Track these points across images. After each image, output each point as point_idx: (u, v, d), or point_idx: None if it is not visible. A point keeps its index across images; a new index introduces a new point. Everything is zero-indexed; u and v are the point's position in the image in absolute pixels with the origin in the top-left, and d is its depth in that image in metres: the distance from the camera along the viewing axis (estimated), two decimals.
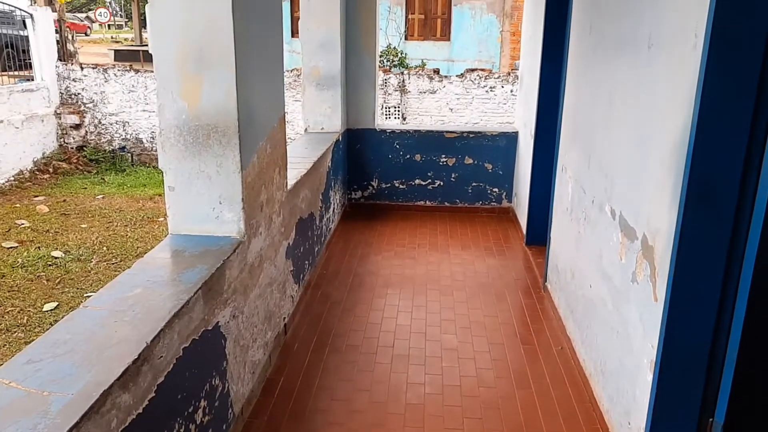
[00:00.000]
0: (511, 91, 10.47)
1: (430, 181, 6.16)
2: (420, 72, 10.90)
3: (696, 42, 1.88)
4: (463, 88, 10.64)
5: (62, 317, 2.02)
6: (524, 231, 5.29)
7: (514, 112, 6.83)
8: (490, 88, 10.59)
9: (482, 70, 11.05)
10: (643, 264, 2.31)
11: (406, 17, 16.48)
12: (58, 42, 11.43)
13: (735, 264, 1.91)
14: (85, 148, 11.23)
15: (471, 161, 6.09)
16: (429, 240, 5.36)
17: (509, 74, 10.83)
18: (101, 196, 9.15)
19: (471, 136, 6.07)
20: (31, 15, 10.88)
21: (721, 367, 1.99)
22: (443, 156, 6.10)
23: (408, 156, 6.11)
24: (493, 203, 6.19)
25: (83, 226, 7.57)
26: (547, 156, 4.60)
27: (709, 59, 1.79)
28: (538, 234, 4.92)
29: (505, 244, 5.28)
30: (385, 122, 10.27)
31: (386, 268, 4.70)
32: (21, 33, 11.17)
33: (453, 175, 6.13)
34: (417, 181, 6.17)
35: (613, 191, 2.77)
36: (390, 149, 6.10)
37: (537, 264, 4.70)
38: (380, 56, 12.05)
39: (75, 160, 10.96)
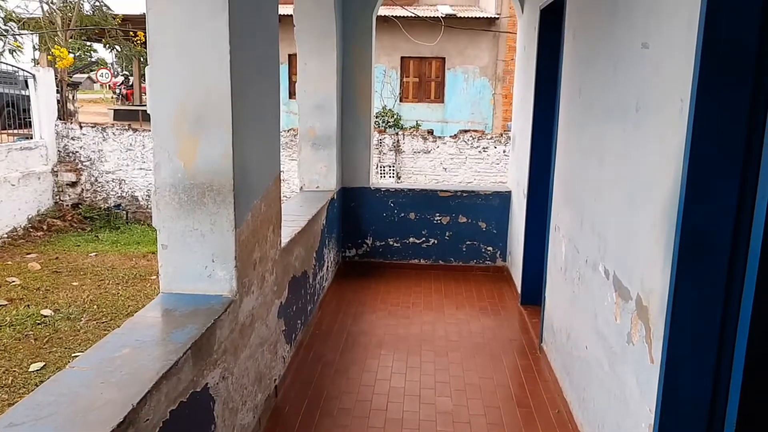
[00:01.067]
0: (504, 151, 10.65)
1: (424, 239, 6.17)
2: (414, 132, 11.11)
3: (682, 106, 1.93)
4: (457, 149, 10.83)
5: (48, 378, 1.97)
6: (519, 290, 5.27)
7: (507, 172, 6.93)
8: (483, 148, 10.77)
9: (475, 131, 11.28)
10: (638, 325, 2.29)
11: (401, 80, 16.93)
12: (58, 101, 11.64)
13: (730, 325, 1.89)
14: (80, 206, 11.26)
15: (465, 220, 6.12)
16: (423, 299, 5.32)
17: (501, 135, 11.04)
18: (94, 253, 9.10)
19: (465, 195, 6.13)
20: (34, 75, 11.12)
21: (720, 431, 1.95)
22: (437, 214, 6.13)
23: (402, 214, 6.15)
24: (487, 262, 6.19)
25: (74, 283, 7.50)
26: (540, 215, 4.63)
27: (695, 124, 1.83)
28: (533, 293, 4.90)
29: (500, 304, 5.24)
30: (380, 181, 10.38)
31: (380, 327, 4.64)
32: (23, 93, 11.39)
33: (447, 234, 6.15)
34: (411, 240, 6.18)
35: (606, 251, 2.78)
36: (385, 207, 6.14)
37: (532, 324, 4.66)
38: (375, 117, 12.30)
39: (70, 218, 10.96)
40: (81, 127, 11.22)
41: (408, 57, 16.76)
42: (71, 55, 14.18)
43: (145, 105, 17.38)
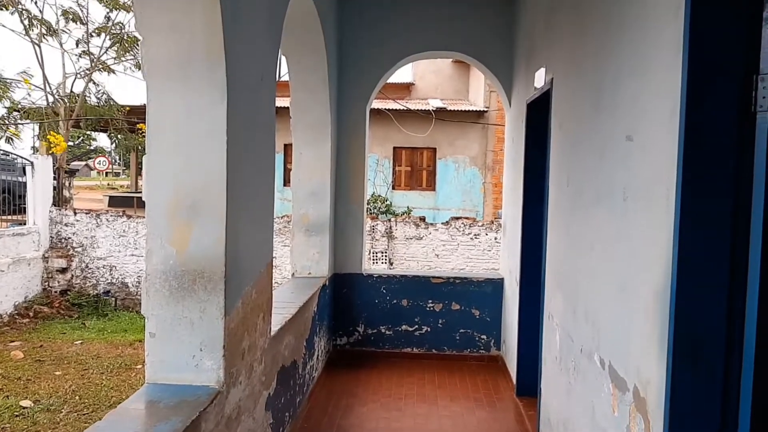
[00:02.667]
0: (495, 238, 10.73)
1: (417, 326, 6.08)
2: (406, 219, 11.23)
3: (668, 194, 1.98)
4: (449, 235, 10.91)
5: None
6: (514, 381, 5.14)
7: (499, 259, 6.95)
8: (475, 235, 10.86)
9: (467, 218, 11.42)
10: (637, 417, 2.23)
11: (394, 169, 17.31)
12: (54, 188, 11.77)
13: (730, 417, 1.84)
14: (68, 292, 11.11)
15: (458, 307, 6.07)
16: (416, 390, 5.17)
17: (492, 222, 11.17)
18: (80, 341, 8.88)
19: (458, 281, 6.11)
20: (32, 163, 11.30)
21: None
22: (430, 301, 6.08)
23: (395, 301, 6.09)
24: (481, 351, 6.07)
25: (57, 373, 7.26)
26: (534, 303, 4.60)
27: (682, 212, 1.87)
28: (529, 384, 4.77)
29: (495, 395, 5.09)
30: (372, 267, 10.36)
31: (371, 420, 4.47)
32: (20, 179, 11.53)
33: (440, 321, 6.07)
34: (404, 327, 6.09)
35: (601, 340, 2.74)
36: (377, 294, 6.09)
37: (528, 417, 4.51)
38: (368, 204, 12.46)
39: (57, 305, 10.79)
40: (75, 214, 11.28)
41: (400, 147, 17.23)
42: (68, 143, 14.51)
43: (141, 192, 17.57)
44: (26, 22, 13.40)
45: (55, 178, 11.89)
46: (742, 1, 1.80)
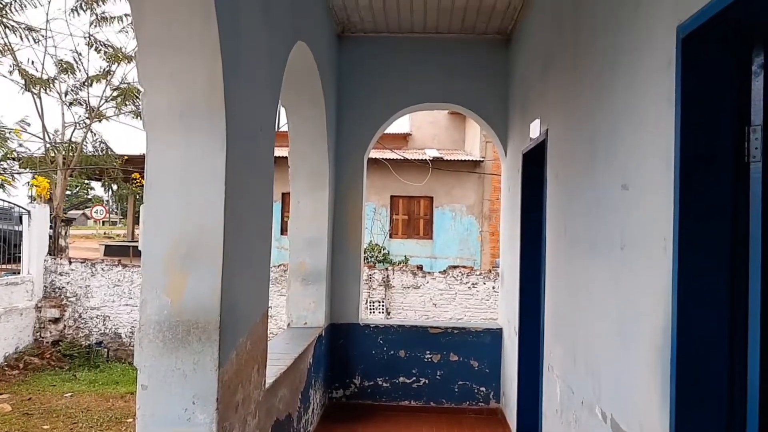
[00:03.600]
0: (493, 287, 10.67)
1: (414, 378, 5.97)
2: (404, 268, 11.18)
3: (666, 244, 1.97)
4: (446, 284, 10.84)
5: None
6: None
7: (497, 308, 6.89)
8: (473, 284, 10.80)
9: (464, 267, 11.38)
10: None
11: (391, 217, 17.36)
12: (50, 237, 11.74)
13: None
14: (60, 343, 10.94)
15: (456, 358, 5.97)
16: None
17: (490, 271, 11.13)
18: (70, 394, 8.68)
19: (456, 332, 6.03)
20: (29, 212, 11.31)
21: None
22: (428, 352, 5.99)
23: (392, 352, 6.00)
24: (480, 403, 5.94)
25: (45, 427, 7.06)
26: (533, 353, 4.53)
27: (680, 261, 1.86)
28: None
29: None
30: (369, 317, 10.25)
31: None
32: (16, 228, 11.51)
33: (438, 373, 5.96)
34: (401, 379, 5.97)
35: (602, 392, 2.69)
36: (374, 345, 6.00)
37: None
38: (365, 253, 12.44)
39: (48, 356, 10.60)
40: (70, 263, 11.22)
41: (398, 196, 17.33)
42: (66, 192, 14.56)
43: (137, 242, 17.54)
44: (25, 78, 13.66)
45: (51, 227, 11.87)
46: (732, 54, 1.84)
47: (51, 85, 14.04)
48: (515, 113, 5.49)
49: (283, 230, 15.92)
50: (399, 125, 20.88)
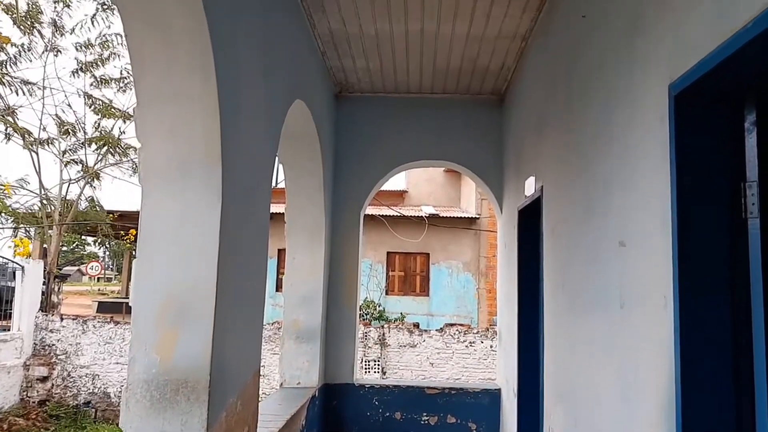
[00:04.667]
0: (491, 346, 10.49)
1: None
2: (400, 325, 11.02)
3: (666, 302, 1.94)
4: (443, 343, 10.67)
5: None
6: None
7: (495, 368, 6.75)
8: (470, 342, 10.62)
9: (461, 325, 11.22)
10: None
11: (387, 274, 17.25)
12: (43, 293, 11.60)
13: None
14: (47, 403, 10.62)
15: (454, 420, 5.79)
16: None
17: (488, 330, 10.97)
18: None
19: (453, 392, 5.88)
20: (23, 267, 11.21)
21: None
22: (425, 414, 5.81)
23: (388, 413, 5.82)
24: None
25: None
26: (533, 415, 4.40)
27: (681, 320, 1.82)
28: None
29: None
30: (364, 376, 10.02)
31: None
32: (9, 284, 11.37)
33: None
34: None
35: None
36: (368, 406, 5.83)
37: None
38: (360, 310, 12.30)
39: (33, 416, 10.26)
40: (62, 319, 11.03)
41: (394, 252, 17.28)
42: (62, 247, 14.48)
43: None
44: (24, 136, 13.83)
45: (44, 283, 11.74)
46: (725, 111, 1.86)
47: (49, 144, 14.22)
48: (510, 170, 5.53)
49: (278, 287, 15.77)
50: (395, 182, 21.10)
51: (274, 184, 3.58)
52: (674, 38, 1.95)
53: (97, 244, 17.48)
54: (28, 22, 12.79)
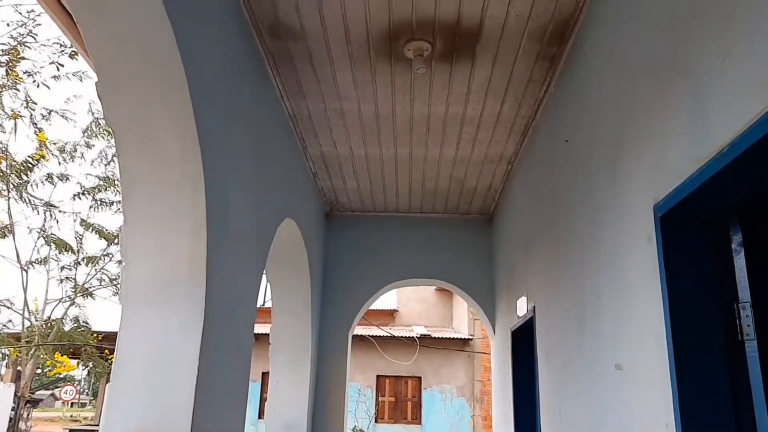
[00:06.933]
0: None
1: None
2: None
3: (668, 430, 1.83)
4: None
5: None
6: None
7: None
8: None
9: None
10: None
11: (377, 399, 16.54)
12: (11, 419, 10.95)
13: None
14: None
15: None
16: None
17: None
18: None
19: None
20: None
21: None
22: None
23: None
24: None
25: None
26: None
27: None
28: None
29: None
30: None
31: None
32: None
33: None
34: None
35: None
36: None
37: None
38: None
39: None
40: None
41: (384, 375, 16.70)
42: (37, 370, 13.90)
43: None
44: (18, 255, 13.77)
45: (13, 409, 11.12)
46: (711, 231, 1.87)
47: (44, 263, 14.11)
48: (502, 290, 5.49)
49: (261, 413, 15.03)
50: (386, 301, 20.88)
51: (260, 302, 3.50)
52: (655, 161, 2.00)
53: (83, 364, 16.79)
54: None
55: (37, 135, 11.43)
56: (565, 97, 3.31)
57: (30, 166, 11.62)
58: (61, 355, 16.95)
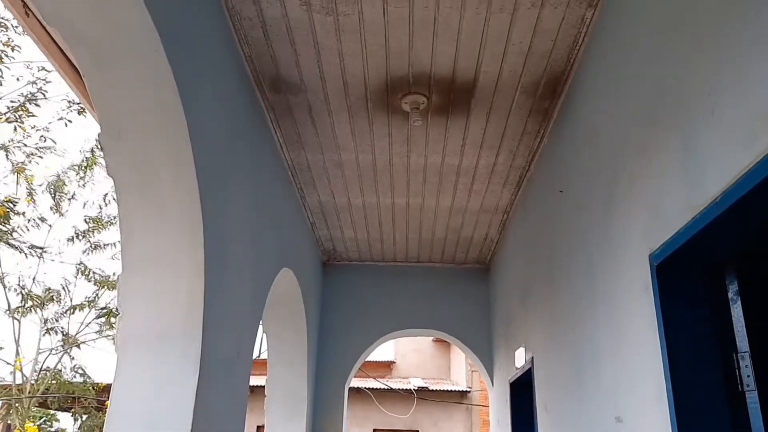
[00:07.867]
0: None
1: None
2: None
3: None
4: None
5: None
6: None
7: None
8: None
9: None
10: None
11: None
12: None
13: None
14: None
15: None
16: None
17: None
18: None
19: None
20: None
21: None
22: None
23: None
24: None
25: None
26: None
27: None
28: None
29: None
30: None
31: None
32: None
33: None
34: None
35: None
36: None
37: None
38: None
39: None
40: None
41: (381, 429, 16.30)
42: (30, 424, 13.54)
43: None
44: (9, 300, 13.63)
45: None
46: (708, 280, 1.88)
47: (34, 311, 13.93)
48: (499, 340, 5.44)
49: None
50: (383, 352, 20.56)
51: (256, 354, 3.46)
52: (649, 211, 2.03)
53: (73, 417, 16.30)
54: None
55: (17, 172, 11.37)
56: (558, 149, 3.37)
57: (8, 210, 11.55)
58: (56, 409, 16.44)
